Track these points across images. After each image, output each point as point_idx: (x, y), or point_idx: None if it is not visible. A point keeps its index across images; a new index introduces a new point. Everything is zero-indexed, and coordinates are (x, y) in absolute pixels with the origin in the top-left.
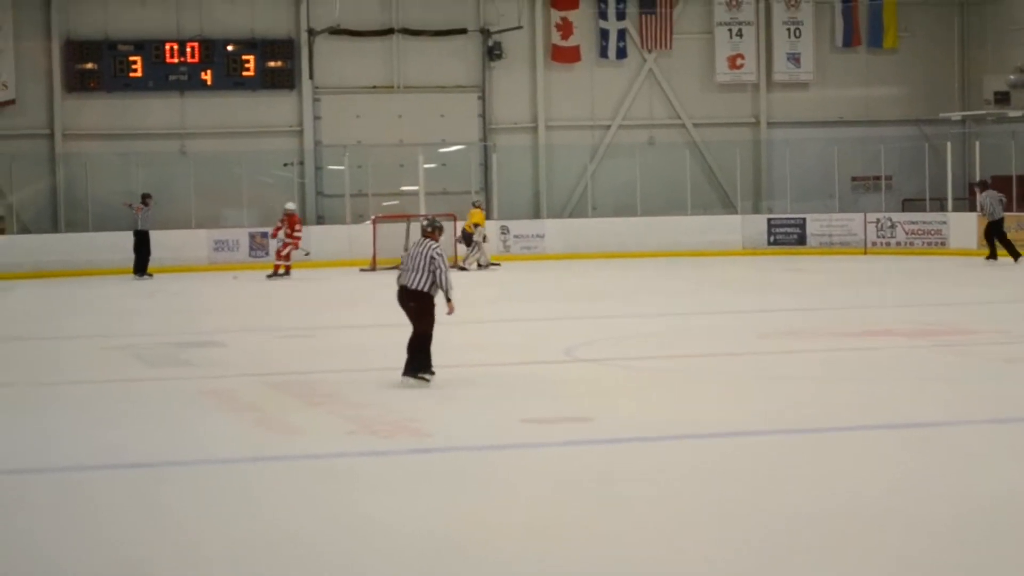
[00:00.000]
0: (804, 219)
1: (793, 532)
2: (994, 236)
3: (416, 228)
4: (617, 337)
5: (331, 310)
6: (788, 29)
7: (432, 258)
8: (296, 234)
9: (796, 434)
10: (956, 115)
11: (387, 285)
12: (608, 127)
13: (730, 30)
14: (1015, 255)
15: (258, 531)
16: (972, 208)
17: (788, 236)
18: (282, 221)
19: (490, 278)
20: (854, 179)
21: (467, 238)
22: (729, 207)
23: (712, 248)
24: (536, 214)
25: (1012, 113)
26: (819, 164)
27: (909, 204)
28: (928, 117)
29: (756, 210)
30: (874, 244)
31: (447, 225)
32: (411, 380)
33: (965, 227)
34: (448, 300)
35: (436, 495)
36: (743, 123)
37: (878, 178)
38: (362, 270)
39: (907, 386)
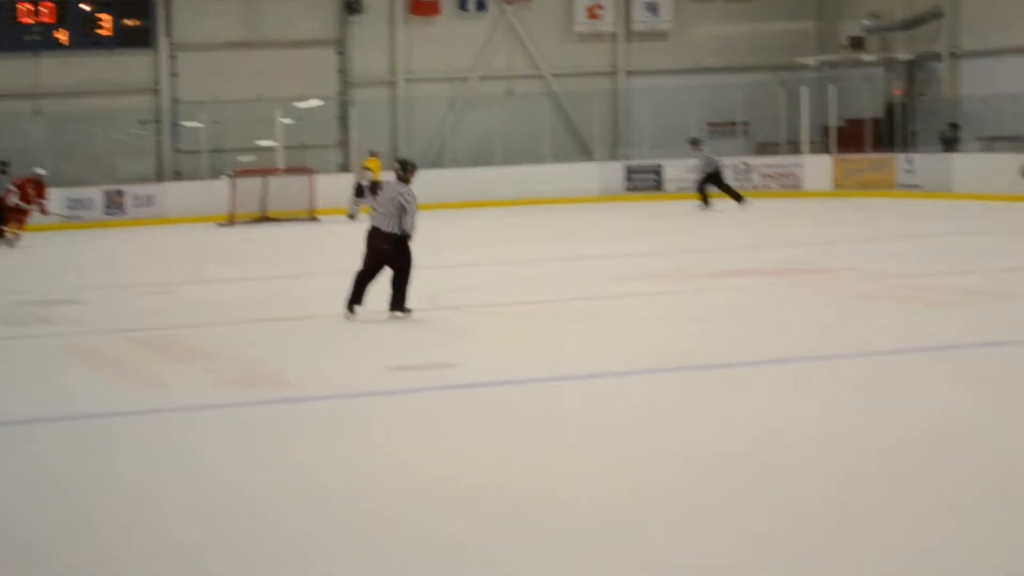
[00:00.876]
0: (660, 165)
1: (659, 472)
2: (713, 185)
3: (274, 183)
4: (479, 285)
5: (190, 266)
6: None
7: (399, 203)
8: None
9: (662, 373)
10: (812, 60)
11: (247, 239)
12: (467, 79)
13: None
14: (738, 198)
15: (136, 484)
16: (826, 151)
17: (645, 182)
18: (27, 185)
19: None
20: (710, 124)
21: (374, 188)
22: (587, 155)
23: (570, 195)
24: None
25: (866, 58)
26: (676, 111)
27: (765, 148)
28: (784, 63)
29: (613, 157)
30: None
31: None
32: (398, 314)
33: (820, 169)
34: (408, 239)
35: (304, 444)
36: (602, 73)
37: (734, 124)
38: (220, 225)
39: (770, 323)
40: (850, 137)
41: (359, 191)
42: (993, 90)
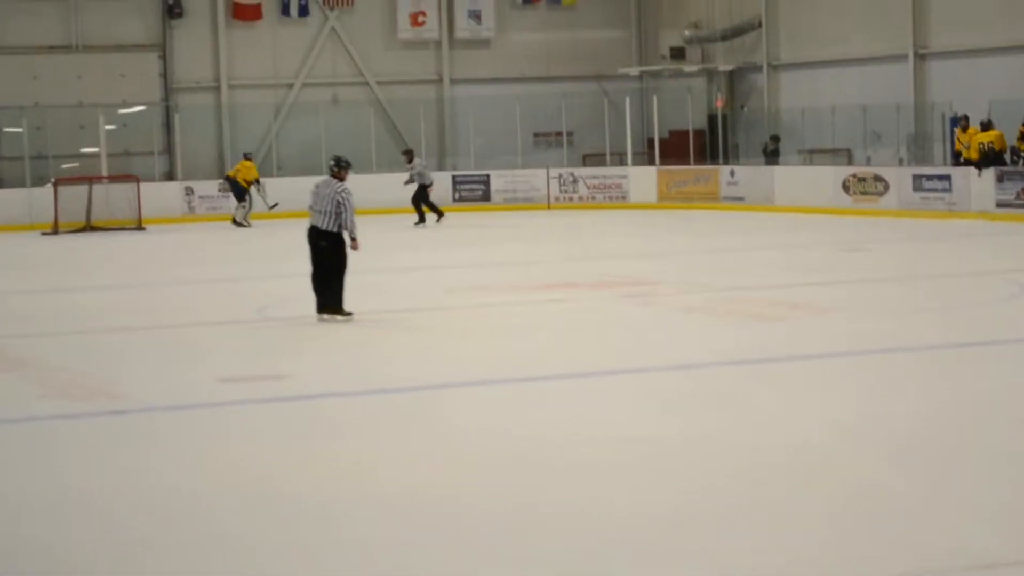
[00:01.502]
0: (488, 175)
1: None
2: (421, 200)
3: (98, 191)
4: (306, 296)
5: (15, 276)
6: None
7: (336, 200)
8: None
9: (485, 385)
10: (634, 70)
11: (72, 248)
12: (292, 85)
13: None
14: (439, 214)
15: None
16: (651, 162)
17: (473, 192)
18: None
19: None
20: (536, 135)
21: (238, 191)
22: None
23: (397, 206)
24: (221, 175)
25: (687, 68)
26: (502, 121)
27: (590, 159)
28: (607, 73)
29: (440, 167)
30: (557, 199)
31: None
32: (326, 316)
33: (645, 181)
34: (353, 239)
35: (130, 456)
36: (427, 80)
37: (559, 134)
38: (43, 234)
39: (592, 335)
40: (674, 148)
41: (239, 195)
42: (812, 102)
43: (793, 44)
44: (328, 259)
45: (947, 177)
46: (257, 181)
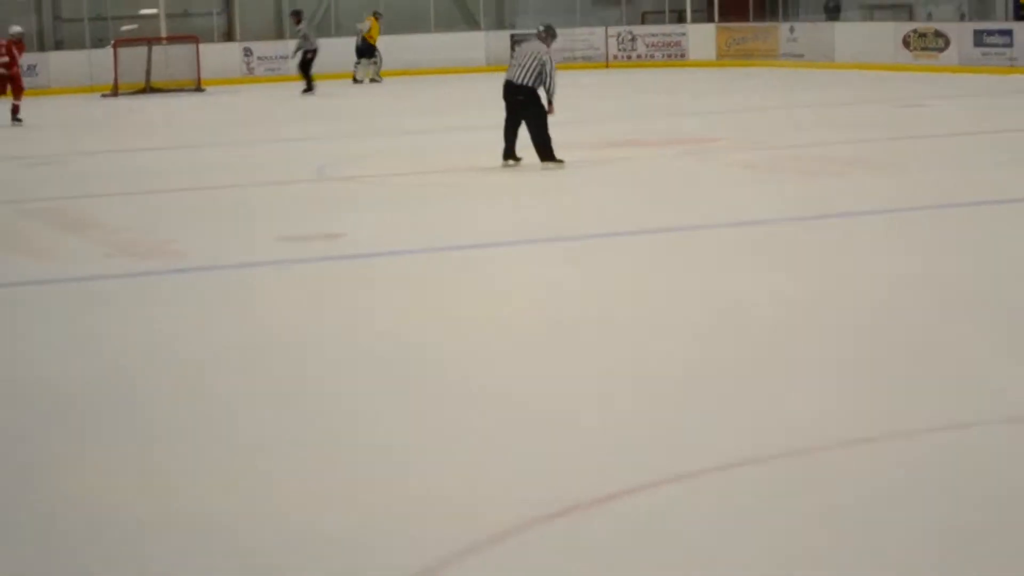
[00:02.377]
0: None
1: (540, 334)
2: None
3: (157, 52)
4: (368, 155)
5: (74, 136)
6: None
7: (542, 60)
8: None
9: (552, 242)
10: None
11: (132, 110)
12: None
13: None
14: (310, 87)
15: (21, 355)
16: (710, 19)
17: None
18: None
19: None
20: None
21: (367, 49)
22: (473, 24)
23: (456, 65)
24: (280, 35)
25: None
26: None
27: (649, 16)
28: None
29: (499, 26)
30: (616, 57)
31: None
32: (550, 164)
33: (704, 39)
34: (550, 101)
35: (197, 314)
36: None
37: None
38: (103, 96)
39: (654, 191)
40: (733, 5)
41: (360, 52)
42: None
43: None
44: (525, 110)
45: (1008, 32)
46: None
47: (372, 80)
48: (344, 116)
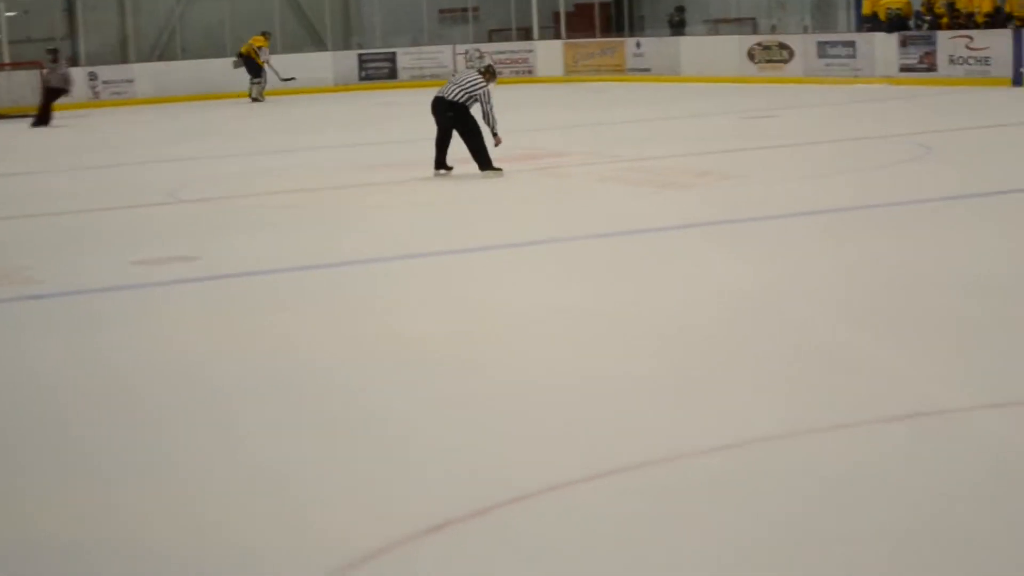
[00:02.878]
0: (394, 53)
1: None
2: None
3: (1, 77)
4: (217, 176)
5: None
6: None
7: (476, 91)
8: None
9: (403, 260)
10: None
11: None
12: None
13: None
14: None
15: None
16: (557, 36)
17: (379, 71)
18: None
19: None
20: (441, 11)
21: (252, 67)
22: (320, 44)
23: (304, 86)
24: (124, 59)
25: None
26: None
27: (496, 34)
28: None
29: (346, 46)
30: None
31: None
32: (489, 173)
33: (551, 55)
34: (495, 134)
35: (52, 340)
36: None
37: (465, 10)
38: None
39: (508, 206)
40: (580, 22)
41: (254, 71)
42: None
43: None
44: (457, 125)
45: (851, 43)
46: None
47: (255, 100)
48: (195, 137)
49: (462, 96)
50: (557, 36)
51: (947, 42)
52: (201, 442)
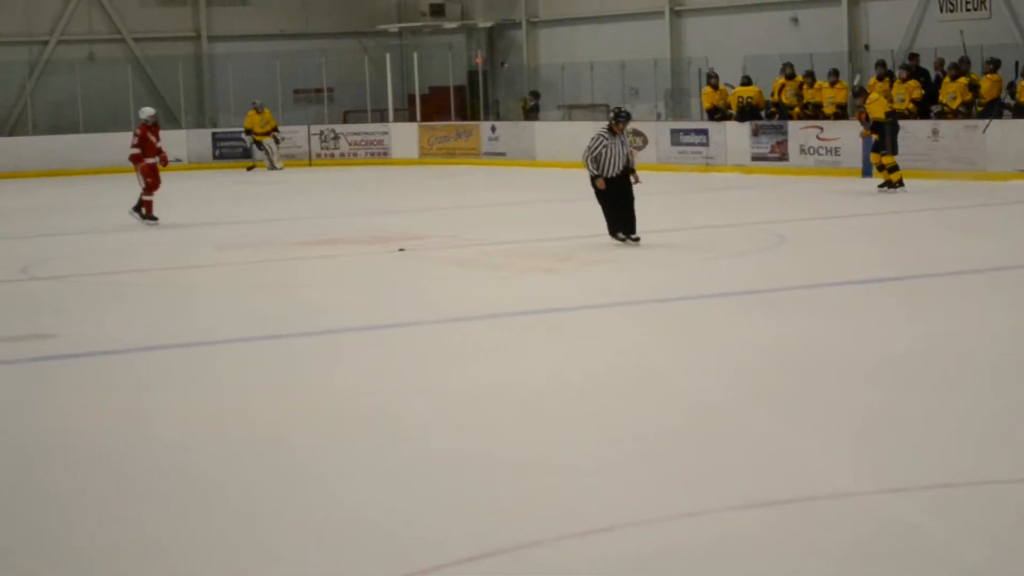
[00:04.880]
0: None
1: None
2: None
3: None
4: (72, 254)
5: None
6: None
7: (591, 141)
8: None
9: (260, 341)
10: (394, 27)
11: None
12: (47, 42)
13: None
14: None
15: None
16: (412, 118)
17: (233, 150)
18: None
19: None
20: (296, 91)
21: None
22: (174, 122)
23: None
24: None
25: (447, 24)
26: (262, 77)
27: (352, 116)
28: (367, 29)
29: (199, 124)
30: (319, 155)
31: None
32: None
33: (407, 137)
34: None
35: None
36: (185, 37)
37: (320, 90)
38: None
39: (368, 289)
40: (435, 105)
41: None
42: (571, 58)
43: (551, 1)
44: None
45: (704, 131)
46: (275, 130)
47: (273, 167)
48: (41, 213)
49: (590, 163)
50: (412, 119)
51: (798, 132)
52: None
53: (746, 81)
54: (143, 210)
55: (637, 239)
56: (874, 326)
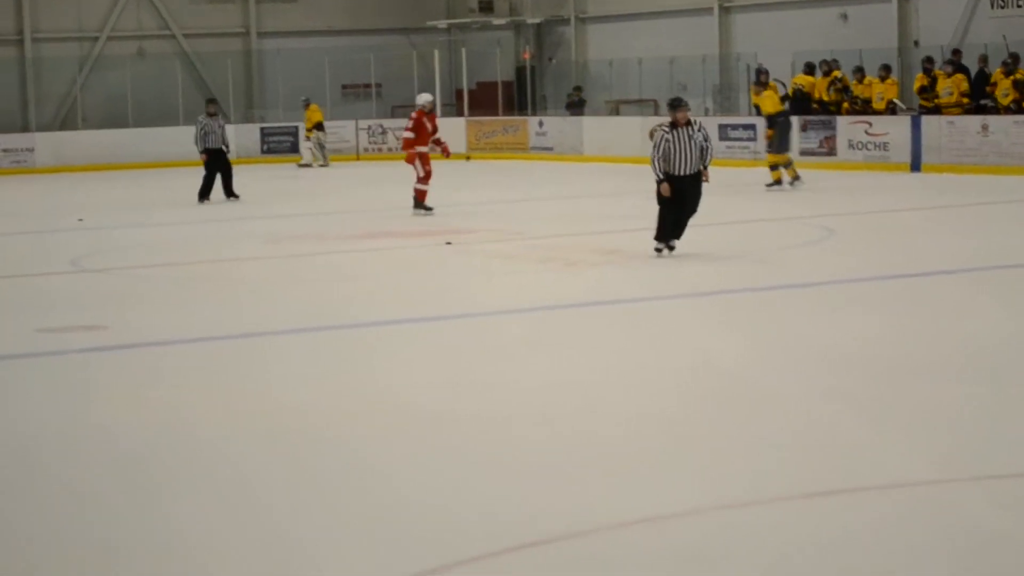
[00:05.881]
0: (297, 127)
1: (321, 419)
2: None
3: None
4: (121, 247)
5: None
6: None
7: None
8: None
9: (312, 332)
10: (442, 23)
11: None
12: (97, 38)
13: None
14: None
15: None
16: (460, 113)
17: (281, 144)
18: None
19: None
20: (344, 87)
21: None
22: (223, 117)
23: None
24: (25, 127)
25: (496, 21)
26: (311, 73)
27: (400, 111)
28: (416, 25)
29: (248, 120)
30: (367, 150)
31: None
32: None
33: (455, 132)
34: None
35: None
36: (234, 33)
37: (368, 86)
38: None
39: (418, 282)
40: (483, 100)
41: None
42: (619, 54)
43: None
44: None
45: (752, 126)
46: (320, 126)
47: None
48: (97, 207)
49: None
50: (460, 113)
51: (847, 127)
52: (120, 511)
53: (807, 70)
54: (416, 199)
55: (672, 247)
56: (928, 320)
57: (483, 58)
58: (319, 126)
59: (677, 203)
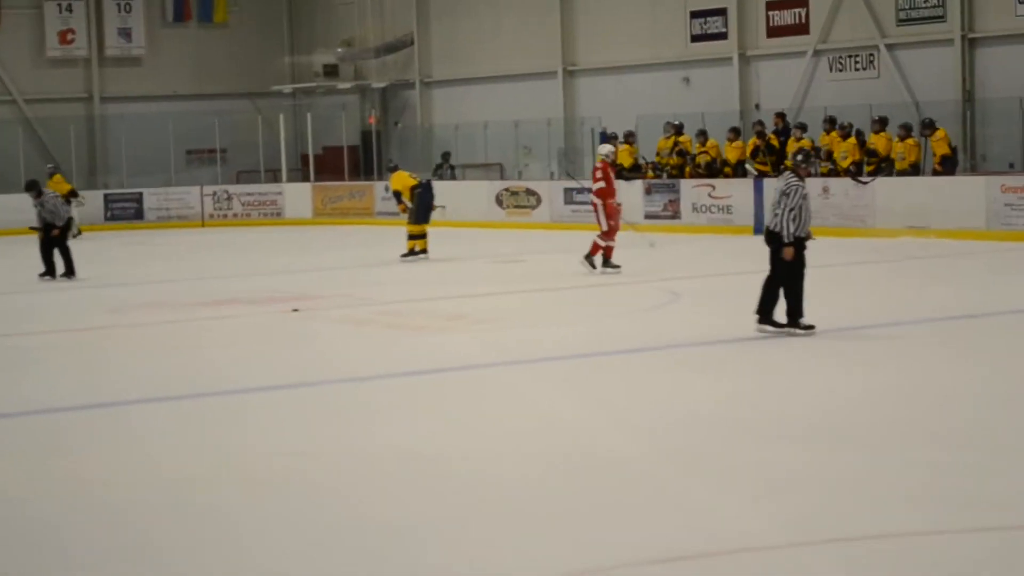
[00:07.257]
0: (141, 193)
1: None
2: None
3: None
4: None
5: None
6: (118, 4)
7: (782, 192)
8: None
9: (161, 402)
10: (287, 88)
11: None
12: None
13: (59, 5)
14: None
15: None
16: (306, 179)
17: (125, 211)
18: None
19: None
20: (189, 152)
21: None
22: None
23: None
24: None
25: (341, 85)
26: (155, 138)
27: (244, 176)
28: (260, 90)
29: (91, 185)
30: (212, 216)
31: None
32: (769, 329)
33: (300, 197)
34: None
35: None
36: (77, 98)
37: (213, 151)
38: None
39: (266, 350)
40: (329, 165)
41: None
42: (465, 118)
43: (445, 61)
44: (774, 263)
45: None
46: (74, 193)
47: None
48: None
49: (773, 218)
50: (306, 179)
51: (691, 190)
52: None
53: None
54: (601, 256)
55: (812, 327)
56: (775, 382)
57: (329, 123)
58: (73, 193)
59: (799, 266)
